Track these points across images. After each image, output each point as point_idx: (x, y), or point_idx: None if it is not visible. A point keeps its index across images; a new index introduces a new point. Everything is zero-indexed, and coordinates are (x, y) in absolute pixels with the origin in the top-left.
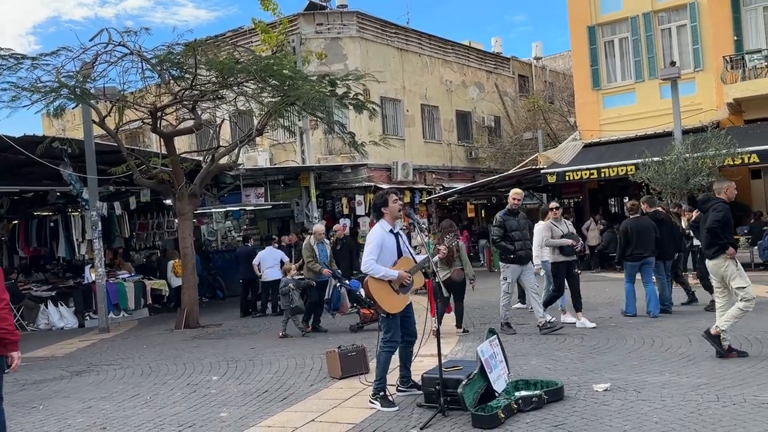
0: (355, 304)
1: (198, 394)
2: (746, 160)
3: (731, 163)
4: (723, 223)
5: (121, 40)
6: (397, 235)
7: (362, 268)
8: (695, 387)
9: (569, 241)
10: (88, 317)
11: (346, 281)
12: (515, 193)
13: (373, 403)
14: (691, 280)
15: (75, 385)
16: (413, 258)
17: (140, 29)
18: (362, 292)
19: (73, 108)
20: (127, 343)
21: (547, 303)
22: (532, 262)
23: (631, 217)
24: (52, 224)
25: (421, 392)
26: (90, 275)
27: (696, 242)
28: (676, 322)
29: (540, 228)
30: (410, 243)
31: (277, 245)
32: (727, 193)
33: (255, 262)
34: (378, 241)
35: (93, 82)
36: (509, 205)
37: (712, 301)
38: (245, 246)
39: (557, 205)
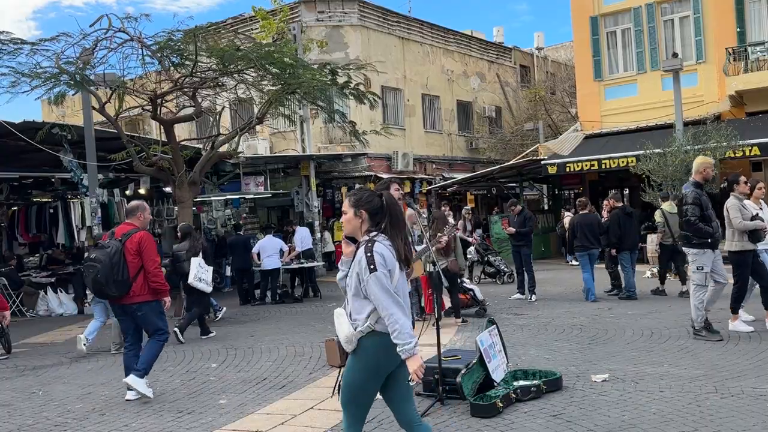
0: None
1: (197, 381)
2: (747, 153)
3: (732, 155)
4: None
5: (121, 26)
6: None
7: None
8: (693, 378)
9: (762, 224)
10: (87, 304)
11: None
12: (707, 162)
13: None
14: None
15: (74, 371)
16: (412, 247)
17: (140, 15)
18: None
19: (73, 94)
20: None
21: (734, 302)
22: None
23: (579, 213)
24: (51, 210)
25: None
26: None
27: None
28: (674, 314)
29: (728, 206)
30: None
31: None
32: None
33: (254, 250)
34: None
35: (93, 69)
36: (697, 178)
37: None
38: (238, 235)
39: (746, 178)
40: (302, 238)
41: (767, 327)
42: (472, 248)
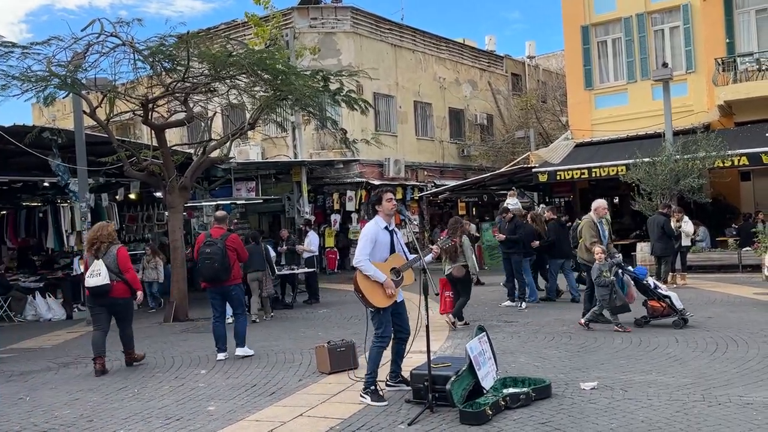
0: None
1: (186, 387)
2: (736, 162)
3: (721, 165)
4: None
5: (113, 30)
6: (392, 232)
7: (354, 263)
8: (681, 387)
9: None
10: (76, 309)
11: (629, 267)
12: None
13: (363, 397)
14: (680, 280)
15: (62, 377)
16: (406, 256)
17: (133, 20)
18: (649, 280)
19: (63, 97)
20: (115, 336)
21: None
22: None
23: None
24: (41, 215)
25: (409, 388)
26: (79, 267)
27: (684, 242)
28: (662, 322)
29: None
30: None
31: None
32: None
33: None
34: (371, 237)
35: (84, 72)
36: None
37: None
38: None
39: None
40: (314, 243)
41: None
42: None
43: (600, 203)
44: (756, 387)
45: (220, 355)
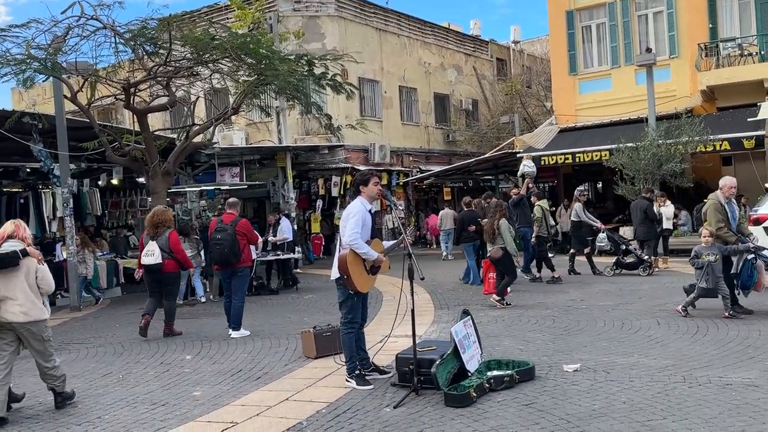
0: None
1: (171, 373)
2: (718, 147)
3: (703, 149)
4: None
5: (94, 13)
6: (373, 215)
7: (346, 241)
8: (663, 368)
9: None
10: (59, 296)
11: (765, 251)
12: None
13: (349, 381)
14: (662, 264)
15: None
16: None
17: (114, 3)
18: None
19: (43, 81)
20: (99, 322)
21: None
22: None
23: (465, 209)
24: (22, 201)
25: (381, 376)
26: (61, 253)
27: (666, 226)
28: (644, 305)
29: None
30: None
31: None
32: None
33: None
34: (362, 216)
35: (65, 56)
36: None
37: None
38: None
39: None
40: (288, 228)
41: None
42: (603, 235)
43: (729, 181)
44: (735, 368)
45: (234, 334)
